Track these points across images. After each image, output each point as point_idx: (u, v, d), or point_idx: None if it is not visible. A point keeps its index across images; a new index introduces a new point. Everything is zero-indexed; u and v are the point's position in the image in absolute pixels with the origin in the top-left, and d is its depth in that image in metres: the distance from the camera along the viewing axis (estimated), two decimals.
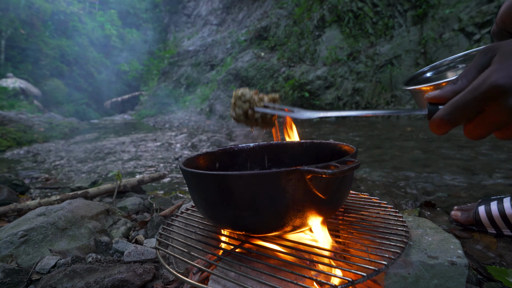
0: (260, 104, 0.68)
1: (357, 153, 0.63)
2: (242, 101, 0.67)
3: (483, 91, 0.40)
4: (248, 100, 0.67)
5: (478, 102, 0.40)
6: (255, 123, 0.69)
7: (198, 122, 7.91)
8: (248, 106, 0.67)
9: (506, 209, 0.88)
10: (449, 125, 0.43)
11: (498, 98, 0.39)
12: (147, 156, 3.55)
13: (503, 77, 0.38)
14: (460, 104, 0.42)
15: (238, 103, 0.68)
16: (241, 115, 0.67)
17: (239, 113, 0.67)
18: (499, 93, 0.39)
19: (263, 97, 0.69)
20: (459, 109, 0.42)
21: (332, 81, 6.57)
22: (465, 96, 0.41)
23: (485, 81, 0.40)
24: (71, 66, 17.15)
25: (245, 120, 0.68)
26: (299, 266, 0.53)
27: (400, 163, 2.16)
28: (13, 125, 6.44)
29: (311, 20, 7.68)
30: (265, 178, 0.51)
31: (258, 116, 0.68)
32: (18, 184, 1.95)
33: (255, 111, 0.67)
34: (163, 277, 0.73)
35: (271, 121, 0.70)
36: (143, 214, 1.31)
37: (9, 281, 0.73)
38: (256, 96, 0.68)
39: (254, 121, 0.68)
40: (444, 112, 0.43)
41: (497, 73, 0.39)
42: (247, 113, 0.67)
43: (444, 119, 0.43)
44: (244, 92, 0.68)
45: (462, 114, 0.42)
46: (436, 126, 0.44)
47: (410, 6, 6.08)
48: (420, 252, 0.59)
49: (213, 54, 12.04)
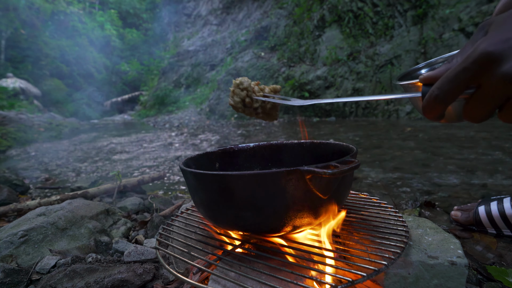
0: (260, 94, 0.67)
1: (357, 153, 0.63)
2: (240, 88, 0.67)
3: (472, 60, 0.37)
4: (246, 88, 0.66)
5: (469, 72, 0.38)
6: (254, 113, 0.68)
7: (198, 122, 7.91)
8: (245, 94, 0.66)
9: (506, 209, 0.88)
10: (441, 103, 0.40)
11: (490, 67, 0.36)
12: (147, 156, 3.55)
13: (492, 44, 0.36)
14: (450, 76, 0.39)
15: (236, 91, 0.67)
16: (239, 103, 0.67)
17: (237, 100, 0.67)
18: (489, 61, 0.36)
19: (264, 87, 0.68)
20: (449, 81, 0.39)
21: (332, 81, 6.57)
22: (455, 68, 0.39)
23: (476, 50, 0.37)
24: (71, 66, 17.14)
25: (243, 108, 0.67)
26: (299, 266, 0.53)
27: (400, 163, 2.16)
28: (13, 125, 6.44)
29: (311, 20, 7.68)
30: (265, 178, 0.51)
31: (257, 105, 0.67)
32: (18, 184, 1.95)
33: (253, 99, 0.66)
34: (163, 277, 0.73)
35: (273, 113, 0.69)
36: (143, 214, 1.31)
37: (9, 281, 0.73)
38: (256, 86, 0.68)
39: (254, 110, 0.68)
40: (434, 87, 0.41)
41: (487, 41, 0.37)
42: (245, 101, 0.67)
43: (434, 95, 0.40)
44: (242, 80, 0.67)
45: (453, 87, 0.39)
46: (428, 105, 0.42)
47: (410, 6, 6.08)
48: (420, 252, 0.59)
49: (213, 54, 12.04)
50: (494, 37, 0.37)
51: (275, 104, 0.68)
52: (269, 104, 0.67)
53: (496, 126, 3.50)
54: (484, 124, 3.71)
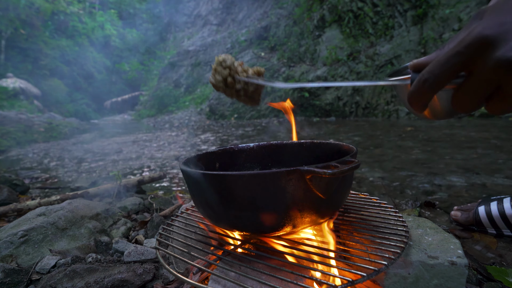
0: (243, 75, 0.63)
1: (357, 153, 0.63)
2: (223, 66, 0.63)
3: (466, 44, 0.35)
4: (228, 67, 0.63)
5: (462, 56, 0.35)
6: (236, 95, 0.65)
7: (198, 122, 7.91)
8: (228, 72, 0.63)
9: (506, 210, 0.88)
10: (430, 88, 0.38)
11: (484, 51, 0.34)
12: (147, 156, 3.55)
13: (488, 27, 0.34)
14: (441, 60, 0.37)
15: (218, 69, 0.63)
16: (220, 82, 0.63)
17: (218, 79, 0.63)
18: (484, 44, 0.34)
19: (247, 69, 0.64)
20: (440, 65, 0.37)
21: (332, 81, 6.57)
22: (448, 52, 0.37)
23: (470, 34, 0.35)
24: (71, 66, 17.14)
25: (224, 88, 0.64)
26: (299, 266, 0.53)
27: (400, 163, 2.16)
28: (13, 125, 6.44)
29: (311, 20, 7.68)
30: (265, 178, 0.51)
31: (239, 86, 0.63)
32: (18, 184, 1.95)
33: (235, 79, 0.63)
34: (163, 277, 0.73)
35: (255, 96, 0.65)
36: (143, 214, 1.31)
37: (9, 281, 0.73)
38: (240, 67, 0.64)
39: (235, 92, 0.64)
40: (424, 71, 0.38)
41: (482, 24, 0.35)
42: (226, 81, 0.63)
43: (423, 78, 0.38)
44: (225, 58, 0.63)
45: (444, 71, 0.37)
46: (416, 91, 0.39)
47: (410, 6, 6.08)
48: (420, 252, 0.59)
49: (213, 54, 12.04)
50: (489, 21, 0.35)
51: (258, 87, 0.64)
52: (252, 87, 0.64)
53: (496, 126, 3.50)
54: (484, 124, 3.71)
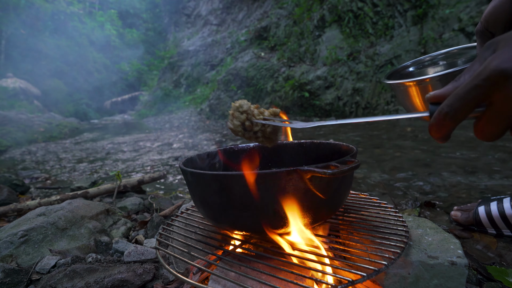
0: (260, 117, 0.66)
1: (357, 153, 0.63)
2: (240, 112, 0.66)
3: (484, 77, 0.36)
4: (245, 111, 0.65)
5: (480, 89, 0.37)
6: (254, 137, 0.67)
7: (198, 122, 7.91)
8: (245, 117, 0.65)
9: (506, 209, 0.88)
10: (451, 121, 0.40)
11: (503, 84, 0.35)
12: (147, 156, 3.55)
13: (506, 61, 0.35)
14: (461, 93, 0.38)
15: (235, 114, 0.66)
16: (239, 126, 0.66)
17: (236, 124, 0.66)
18: (503, 78, 0.35)
19: (263, 111, 0.67)
20: (460, 99, 0.38)
21: (332, 81, 6.57)
22: (466, 85, 0.38)
23: (487, 67, 0.37)
24: (71, 66, 17.14)
25: (243, 132, 0.66)
26: (299, 266, 0.53)
27: (400, 163, 2.16)
28: (13, 125, 6.44)
29: (311, 20, 7.68)
30: (265, 178, 0.51)
31: (257, 128, 0.65)
32: (18, 184, 1.95)
33: (253, 122, 0.65)
34: (163, 277, 0.73)
35: (272, 137, 0.68)
36: (143, 214, 1.31)
37: (9, 281, 0.73)
38: (256, 110, 0.67)
39: (253, 134, 0.66)
40: (444, 105, 0.40)
41: (499, 57, 0.36)
42: (244, 125, 0.66)
43: (444, 112, 0.40)
44: (241, 103, 0.66)
45: (464, 104, 0.38)
46: (437, 123, 0.41)
47: (410, 6, 6.08)
48: (420, 252, 0.59)
49: (213, 54, 12.04)
50: (506, 54, 0.36)
51: (275, 128, 0.67)
52: (269, 128, 0.66)
53: None
54: None
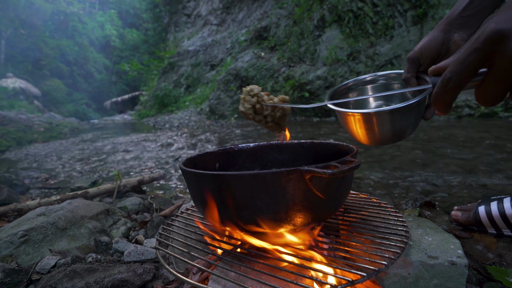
0: (270, 102, 0.69)
1: (357, 153, 0.63)
2: (251, 95, 0.69)
3: (482, 40, 0.37)
4: (256, 94, 0.69)
5: (480, 52, 0.38)
6: (264, 121, 0.70)
7: (198, 122, 7.90)
8: (256, 100, 0.69)
9: (506, 209, 0.88)
10: (454, 85, 0.40)
11: (501, 45, 0.36)
12: (147, 156, 3.55)
13: (503, 22, 0.36)
14: (461, 58, 0.39)
15: (246, 98, 0.69)
16: (250, 109, 0.68)
17: (247, 107, 0.68)
18: (500, 38, 0.36)
19: (273, 97, 0.70)
20: (461, 63, 0.39)
21: (332, 81, 6.57)
22: (466, 50, 0.39)
23: (485, 30, 0.37)
24: (71, 66, 17.15)
25: (253, 115, 0.69)
26: (299, 266, 0.53)
27: (400, 163, 2.16)
28: (13, 125, 6.44)
29: (311, 20, 7.68)
30: (265, 178, 0.51)
31: (267, 112, 0.69)
32: (18, 184, 1.95)
33: (263, 106, 0.69)
34: (163, 277, 0.73)
35: (281, 122, 0.71)
36: (143, 214, 1.31)
37: (9, 281, 0.73)
38: (266, 96, 0.70)
39: (263, 118, 0.69)
40: (447, 71, 0.41)
41: (494, 21, 0.37)
42: (255, 108, 0.68)
43: (447, 78, 0.40)
44: (252, 87, 0.70)
45: (466, 68, 0.39)
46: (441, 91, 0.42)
47: (410, 6, 6.08)
48: (420, 252, 0.59)
49: (213, 54, 12.04)
50: (501, 16, 0.37)
51: (284, 113, 0.70)
52: (278, 112, 0.69)
53: (496, 126, 3.50)
54: (484, 124, 3.71)
